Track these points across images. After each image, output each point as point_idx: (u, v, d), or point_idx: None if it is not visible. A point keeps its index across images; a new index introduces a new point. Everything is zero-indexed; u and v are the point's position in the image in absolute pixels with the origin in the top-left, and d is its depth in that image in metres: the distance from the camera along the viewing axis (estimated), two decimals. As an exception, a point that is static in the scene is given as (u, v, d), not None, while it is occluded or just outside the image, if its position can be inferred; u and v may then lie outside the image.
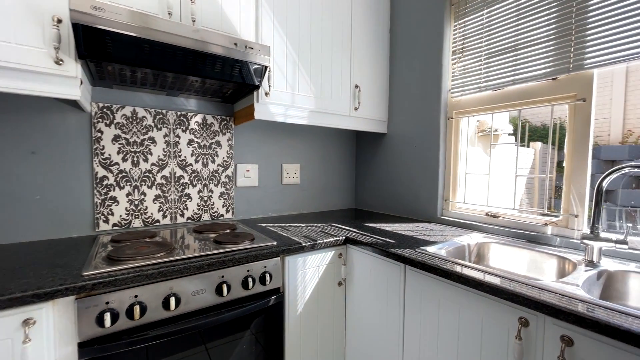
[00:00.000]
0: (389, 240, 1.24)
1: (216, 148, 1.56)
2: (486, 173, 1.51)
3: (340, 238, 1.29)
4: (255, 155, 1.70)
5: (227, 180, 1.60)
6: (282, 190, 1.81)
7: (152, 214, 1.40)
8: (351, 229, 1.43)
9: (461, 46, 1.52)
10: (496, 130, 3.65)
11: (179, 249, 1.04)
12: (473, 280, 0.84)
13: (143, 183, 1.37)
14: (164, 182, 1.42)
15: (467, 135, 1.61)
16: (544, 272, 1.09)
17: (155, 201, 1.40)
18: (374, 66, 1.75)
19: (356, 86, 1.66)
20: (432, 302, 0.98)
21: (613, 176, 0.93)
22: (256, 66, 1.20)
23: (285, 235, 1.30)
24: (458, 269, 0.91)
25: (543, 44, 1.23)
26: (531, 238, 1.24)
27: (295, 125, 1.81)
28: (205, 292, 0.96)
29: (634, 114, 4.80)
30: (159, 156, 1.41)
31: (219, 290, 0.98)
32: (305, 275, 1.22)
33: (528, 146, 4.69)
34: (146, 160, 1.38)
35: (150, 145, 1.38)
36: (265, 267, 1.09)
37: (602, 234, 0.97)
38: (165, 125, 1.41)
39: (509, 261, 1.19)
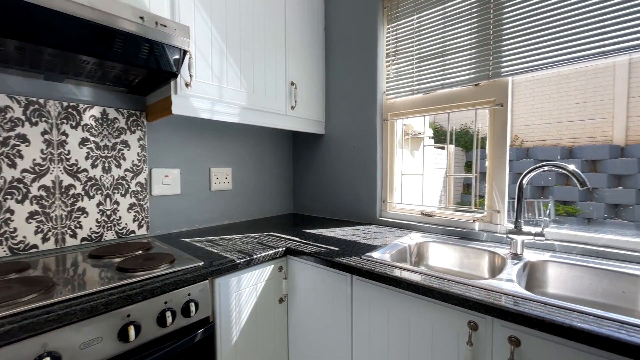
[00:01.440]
0: (333, 248, 1.16)
1: (122, 149, 1.26)
2: (420, 174, 1.57)
3: (280, 249, 1.15)
4: (176, 158, 1.44)
5: (139, 189, 1.31)
6: (211, 198, 1.58)
7: (24, 237, 1.04)
8: (292, 238, 1.31)
9: (394, 49, 1.54)
10: (420, 133, 3.99)
11: (63, 286, 0.77)
12: (422, 287, 0.80)
13: (8, 197, 1.01)
14: (43, 193, 1.08)
15: (397, 137, 1.65)
16: (478, 268, 1.14)
17: (30, 220, 1.05)
18: (310, 63, 1.67)
19: (292, 83, 1.55)
20: (381, 311, 0.92)
21: (532, 174, 1.01)
22: (173, 49, 0.98)
23: (215, 251, 1.11)
24: (406, 276, 0.87)
25: (467, 51, 1.31)
26: (462, 234, 1.31)
27: (225, 123, 1.60)
28: (103, 341, 0.72)
29: (519, 122, 5.83)
30: (34, 160, 1.06)
31: (123, 335, 0.75)
32: (241, 297, 1.05)
33: (444, 148, 5.25)
34: (13, 165, 1.02)
35: (19, 146, 1.03)
36: (189, 294, 0.89)
37: (524, 228, 1.05)
38: (43, 119, 1.07)
39: (446, 259, 1.22)
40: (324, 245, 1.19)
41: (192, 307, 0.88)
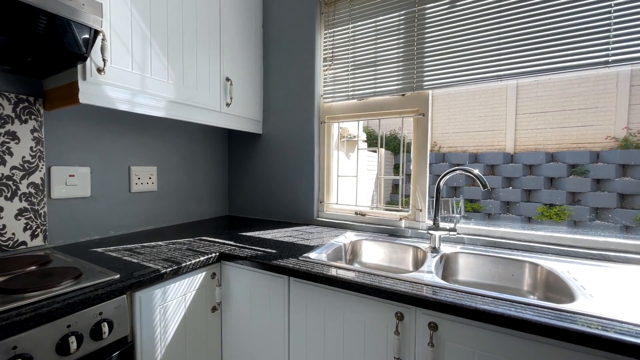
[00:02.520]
0: (270, 250, 1.14)
1: (8, 142, 1.03)
2: (354, 175, 1.65)
3: (213, 255, 1.08)
4: (85, 154, 1.24)
5: (33, 191, 1.09)
6: (131, 200, 1.40)
7: None
8: (226, 242, 1.24)
9: (331, 54, 1.59)
10: (355, 136, 4.20)
11: None
12: (356, 284, 0.84)
13: None
14: None
15: (333, 140, 1.72)
16: (404, 262, 1.25)
17: None
18: (247, 60, 1.61)
19: (227, 79, 1.47)
20: (318, 311, 0.94)
21: (447, 177, 1.15)
22: (80, 27, 0.84)
23: (136, 261, 0.99)
24: (341, 274, 0.90)
25: (395, 63, 1.43)
26: (391, 232, 1.42)
27: (149, 117, 1.44)
28: (-26, 383, 0.57)
29: (437, 130, 6.61)
30: None
31: (6, 373, 0.61)
32: (167, 310, 0.95)
33: (376, 151, 5.63)
34: None
35: None
36: (100, 314, 0.77)
37: (441, 224, 1.19)
38: None
39: (377, 255, 1.31)
40: (260, 248, 1.16)
41: (105, 327, 0.77)
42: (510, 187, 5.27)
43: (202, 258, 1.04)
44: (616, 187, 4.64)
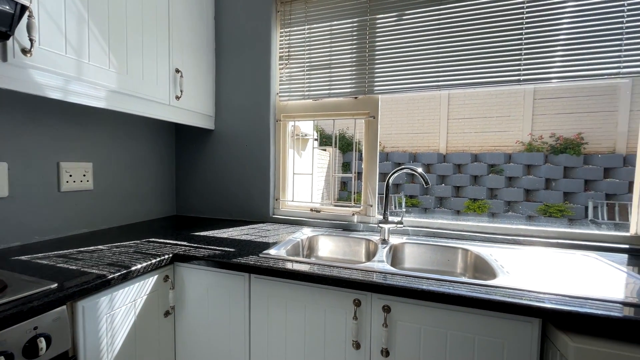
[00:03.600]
0: (228, 249, 1.12)
1: None
2: (309, 173, 1.70)
3: (166, 257, 1.03)
4: (1, 148, 1.06)
5: None
6: (61, 201, 1.24)
7: None
8: (179, 243, 1.18)
9: (287, 53, 1.61)
10: (306, 135, 4.27)
11: None
12: (317, 276, 0.89)
13: None
14: None
15: (289, 138, 1.75)
16: (358, 254, 1.34)
17: None
18: (199, 52, 1.54)
19: (177, 71, 1.39)
20: (280, 305, 0.97)
21: (396, 174, 1.27)
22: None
23: (75, 268, 0.89)
24: (303, 268, 0.94)
25: (348, 67, 1.51)
26: (344, 226, 1.51)
27: (86, 108, 1.28)
28: None
29: (382, 131, 7.05)
30: None
31: None
32: (115, 318, 0.88)
33: (325, 150, 5.79)
34: None
35: None
36: (35, 328, 0.69)
37: (389, 218, 1.31)
38: None
39: (333, 249, 1.38)
40: (218, 247, 1.13)
41: (42, 343, 0.68)
42: (443, 184, 5.90)
43: (153, 260, 0.98)
44: (523, 183, 5.53)
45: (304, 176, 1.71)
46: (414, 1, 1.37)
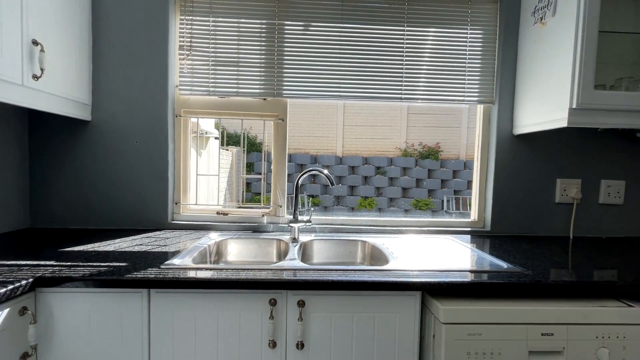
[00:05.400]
0: (118, 264, 0.95)
1: None
2: (215, 174, 1.60)
3: (23, 283, 0.79)
4: None
5: None
6: None
7: None
8: (42, 263, 0.93)
9: (189, 43, 1.48)
10: (206, 132, 3.95)
11: None
12: (231, 281, 0.86)
13: None
14: None
15: (190, 136, 1.61)
16: (270, 255, 1.35)
17: None
18: (66, 20, 1.23)
19: (35, 43, 1.08)
20: (187, 318, 0.89)
21: (305, 175, 1.34)
22: None
23: None
24: (215, 275, 0.89)
25: (257, 68, 1.50)
26: (254, 228, 1.49)
27: None
28: None
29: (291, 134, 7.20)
30: None
31: None
32: None
33: (227, 149, 5.52)
34: None
35: None
36: None
37: (299, 217, 1.37)
38: None
39: (244, 252, 1.35)
40: (102, 264, 0.94)
41: None
42: (340, 184, 6.49)
43: (3, 290, 0.74)
44: (401, 183, 6.63)
45: (205, 178, 1.60)
46: (318, 15, 1.48)
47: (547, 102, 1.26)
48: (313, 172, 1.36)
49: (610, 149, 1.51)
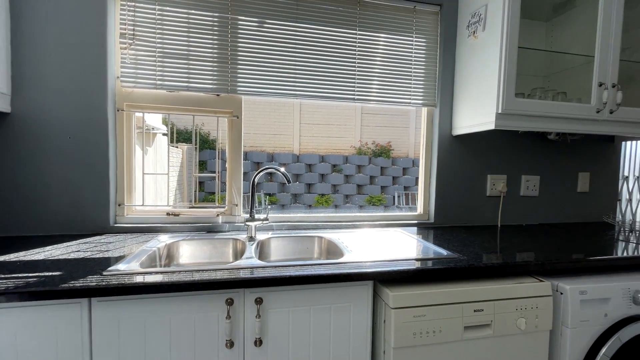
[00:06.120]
0: (50, 273, 0.86)
1: None
2: (164, 173, 1.51)
3: None
4: None
5: None
6: None
7: None
8: (-51, 278, 0.80)
9: (132, 32, 1.36)
10: (153, 128, 3.66)
11: None
12: (185, 283, 0.83)
13: None
14: None
15: (135, 132, 1.50)
16: (226, 255, 1.32)
17: None
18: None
19: None
20: (136, 326, 0.83)
21: (261, 174, 1.34)
22: None
23: None
24: (167, 278, 0.85)
25: (209, 62, 1.44)
26: (209, 228, 1.44)
27: None
28: None
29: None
30: None
31: None
32: None
33: (177, 146, 5.19)
34: None
35: None
36: None
37: (256, 216, 1.36)
38: None
39: (197, 254, 1.29)
40: (30, 274, 0.84)
41: None
42: (298, 182, 6.51)
43: None
44: (356, 180, 6.87)
45: (152, 177, 1.50)
46: (273, 13, 1.47)
47: (479, 107, 1.43)
48: (270, 170, 1.36)
49: (528, 149, 1.76)
